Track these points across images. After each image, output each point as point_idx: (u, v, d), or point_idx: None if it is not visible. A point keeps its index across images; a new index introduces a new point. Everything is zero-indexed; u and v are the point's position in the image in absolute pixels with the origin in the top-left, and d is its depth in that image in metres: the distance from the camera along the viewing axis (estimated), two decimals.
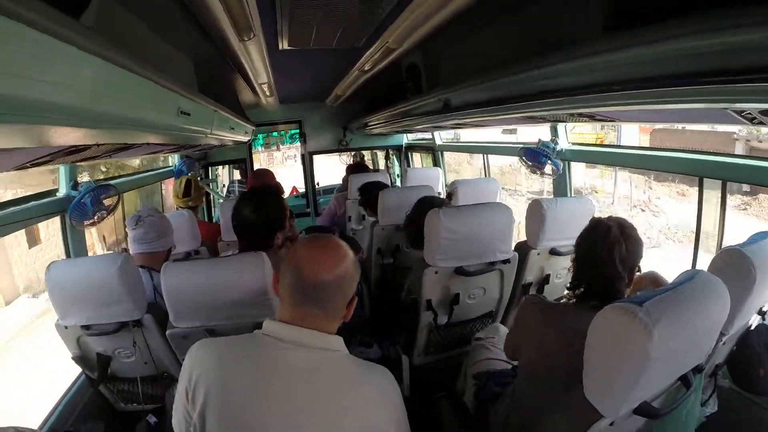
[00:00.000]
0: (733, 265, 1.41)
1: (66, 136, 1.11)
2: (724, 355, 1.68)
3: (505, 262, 2.32)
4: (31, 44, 0.67)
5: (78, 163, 2.32)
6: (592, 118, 1.84)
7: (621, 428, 1.25)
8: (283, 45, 2.37)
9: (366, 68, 2.95)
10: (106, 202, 2.50)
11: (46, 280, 1.85)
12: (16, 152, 1.22)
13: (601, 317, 1.11)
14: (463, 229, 2.17)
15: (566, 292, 2.52)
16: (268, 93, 3.89)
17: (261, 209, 1.91)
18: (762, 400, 1.78)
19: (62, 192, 2.44)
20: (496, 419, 1.77)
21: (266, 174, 3.70)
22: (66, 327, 1.93)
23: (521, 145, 3.15)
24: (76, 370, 2.25)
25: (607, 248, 1.45)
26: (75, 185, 2.42)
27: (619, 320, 1.06)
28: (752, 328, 1.66)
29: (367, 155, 7.90)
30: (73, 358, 2.06)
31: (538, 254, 2.45)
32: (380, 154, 7.20)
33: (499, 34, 1.87)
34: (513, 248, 2.36)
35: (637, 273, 1.53)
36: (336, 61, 2.97)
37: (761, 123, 1.18)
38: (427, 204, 2.52)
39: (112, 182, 2.64)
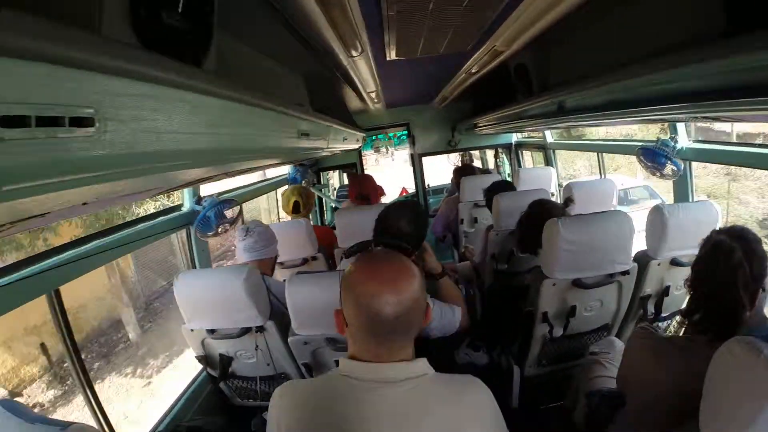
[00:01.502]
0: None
1: (194, 173, 1.20)
2: None
3: (624, 273, 2.18)
4: (163, 100, 0.72)
5: None
6: (715, 120, 1.66)
7: None
8: (391, 56, 2.39)
9: (473, 71, 2.88)
10: (228, 214, 2.69)
11: (175, 288, 2.05)
12: (155, 189, 1.34)
13: (726, 352, 1.02)
14: (582, 239, 2.06)
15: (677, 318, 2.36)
16: (375, 100, 3.95)
17: (408, 222, 1.90)
18: None
19: (186, 207, 2.67)
20: None
21: (368, 180, 3.76)
22: (192, 330, 2.14)
23: (640, 144, 2.90)
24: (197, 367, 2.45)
25: (729, 272, 1.30)
26: (199, 200, 2.64)
27: (743, 355, 0.97)
28: None
29: (475, 154, 7.79)
30: (196, 357, 2.27)
31: (659, 265, 2.26)
32: (489, 153, 7.05)
33: (612, 32, 1.75)
34: (632, 258, 2.21)
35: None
36: (443, 66, 2.94)
37: None
38: (543, 209, 2.42)
39: (232, 194, 2.82)
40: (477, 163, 7.59)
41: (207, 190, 2.80)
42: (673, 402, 1.29)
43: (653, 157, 2.75)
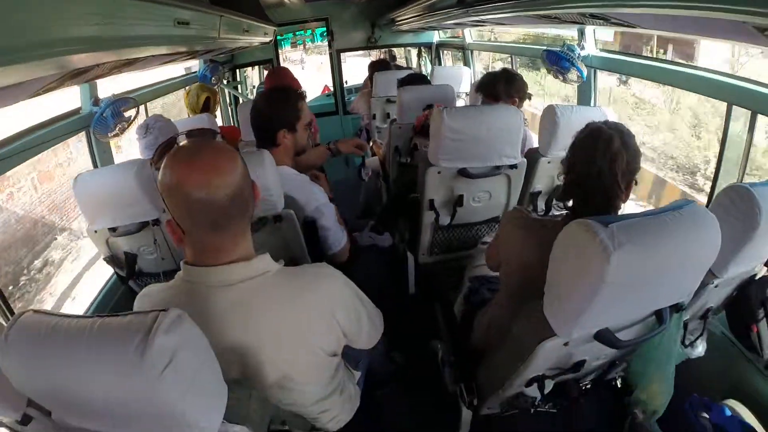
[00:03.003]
0: (738, 204, 1.26)
1: (66, 62, 1.18)
2: (720, 299, 1.57)
3: (513, 167, 2.27)
4: None
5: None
6: (606, 20, 1.73)
7: (579, 352, 1.25)
8: None
9: None
10: (127, 113, 2.60)
11: (74, 191, 2.02)
12: (28, 83, 1.29)
13: (566, 230, 1.06)
14: (468, 129, 2.10)
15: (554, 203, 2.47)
16: None
17: (269, 105, 1.97)
18: (753, 356, 1.66)
19: (85, 110, 2.55)
20: (479, 327, 1.77)
21: (284, 73, 3.68)
22: (96, 231, 2.13)
23: (544, 47, 2.93)
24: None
25: (609, 160, 1.29)
26: (96, 101, 2.53)
27: (581, 237, 1.01)
28: (757, 278, 1.52)
29: (400, 54, 7.67)
30: (104, 259, 2.27)
31: (549, 162, 2.35)
32: (413, 53, 6.97)
33: None
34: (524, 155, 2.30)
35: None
36: None
37: None
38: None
39: (132, 94, 2.71)
40: (402, 63, 7.49)
41: (109, 91, 2.66)
42: (536, 275, 1.28)
43: (557, 59, 2.80)
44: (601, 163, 1.30)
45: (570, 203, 1.44)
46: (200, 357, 0.81)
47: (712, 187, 2.10)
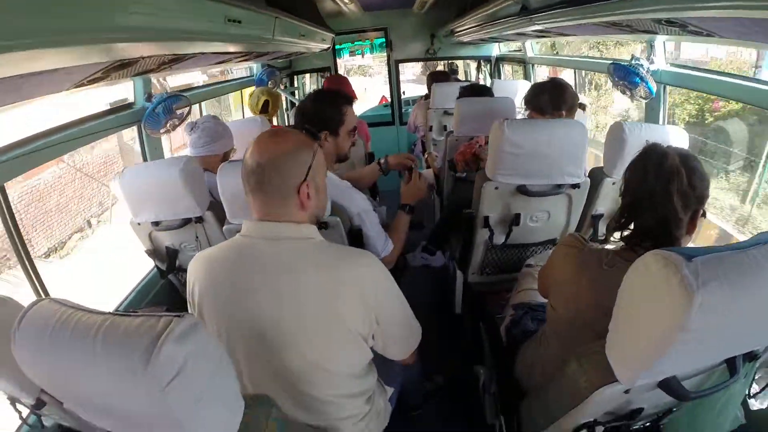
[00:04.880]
0: None
1: (110, 50, 1.18)
2: None
3: (575, 186, 2.11)
4: None
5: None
6: (683, 27, 1.56)
7: (639, 399, 1.11)
8: None
9: None
10: (179, 111, 2.61)
11: (120, 183, 2.06)
12: (73, 70, 1.28)
13: (640, 262, 0.90)
14: (529, 143, 1.97)
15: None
16: (347, 0, 3.75)
17: (313, 105, 1.97)
18: None
19: (138, 104, 2.60)
20: (522, 362, 1.61)
21: (342, 81, 3.64)
22: (139, 224, 2.17)
23: (611, 61, 2.72)
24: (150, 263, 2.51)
25: (664, 179, 1.14)
26: (149, 97, 2.56)
27: (658, 271, 0.85)
28: None
29: (462, 67, 7.58)
30: (146, 251, 2.31)
31: (614, 184, 2.13)
32: (473, 66, 6.86)
33: None
34: (588, 174, 2.14)
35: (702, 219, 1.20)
36: None
37: None
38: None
39: (186, 93, 2.74)
40: (462, 77, 7.41)
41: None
42: (590, 318, 1.20)
43: (625, 74, 2.59)
44: (653, 182, 1.16)
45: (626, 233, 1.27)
46: (213, 369, 0.77)
47: None
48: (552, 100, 2.41)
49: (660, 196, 1.15)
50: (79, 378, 0.74)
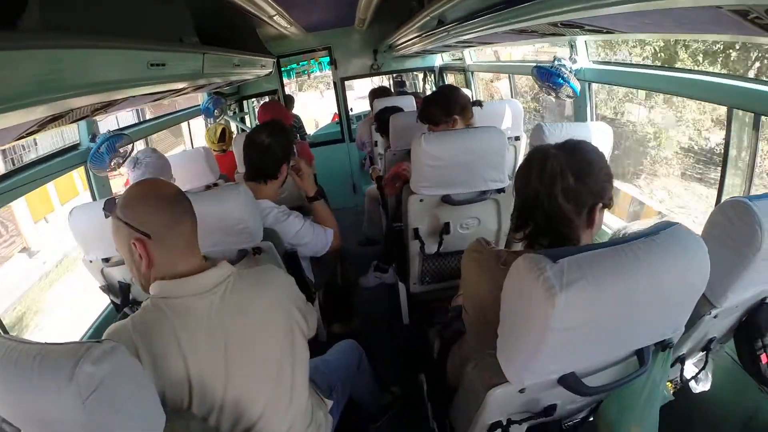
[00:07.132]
0: (736, 222, 1.07)
1: (36, 113, 1.22)
2: (725, 328, 1.37)
3: (500, 191, 2.19)
4: None
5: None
6: (581, 28, 1.68)
7: (551, 396, 1.13)
8: None
9: None
10: (121, 149, 2.64)
11: (69, 224, 2.07)
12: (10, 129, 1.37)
13: (515, 265, 0.93)
14: (447, 155, 2.05)
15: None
16: (285, 24, 3.82)
17: (274, 140, 2.07)
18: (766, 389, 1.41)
19: (83, 145, 2.63)
20: (451, 363, 1.61)
21: (275, 107, 3.72)
22: (91, 261, 2.18)
23: (534, 64, 2.79)
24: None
25: (546, 181, 1.15)
26: (93, 138, 2.59)
27: (527, 274, 0.88)
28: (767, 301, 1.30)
29: (409, 79, 7.74)
30: (100, 287, 2.32)
31: None
32: (420, 77, 7.03)
33: None
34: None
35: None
36: None
37: None
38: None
39: (128, 130, 2.78)
40: (411, 88, 7.57)
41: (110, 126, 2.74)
42: (492, 317, 1.14)
43: (548, 76, 2.66)
44: (537, 185, 1.17)
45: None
46: (132, 387, 0.85)
47: (717, 203, 1.87)
48: (441, 108, 2.37)
49: (545, 197, 1.16)
50: (22, 402, 0.82)
